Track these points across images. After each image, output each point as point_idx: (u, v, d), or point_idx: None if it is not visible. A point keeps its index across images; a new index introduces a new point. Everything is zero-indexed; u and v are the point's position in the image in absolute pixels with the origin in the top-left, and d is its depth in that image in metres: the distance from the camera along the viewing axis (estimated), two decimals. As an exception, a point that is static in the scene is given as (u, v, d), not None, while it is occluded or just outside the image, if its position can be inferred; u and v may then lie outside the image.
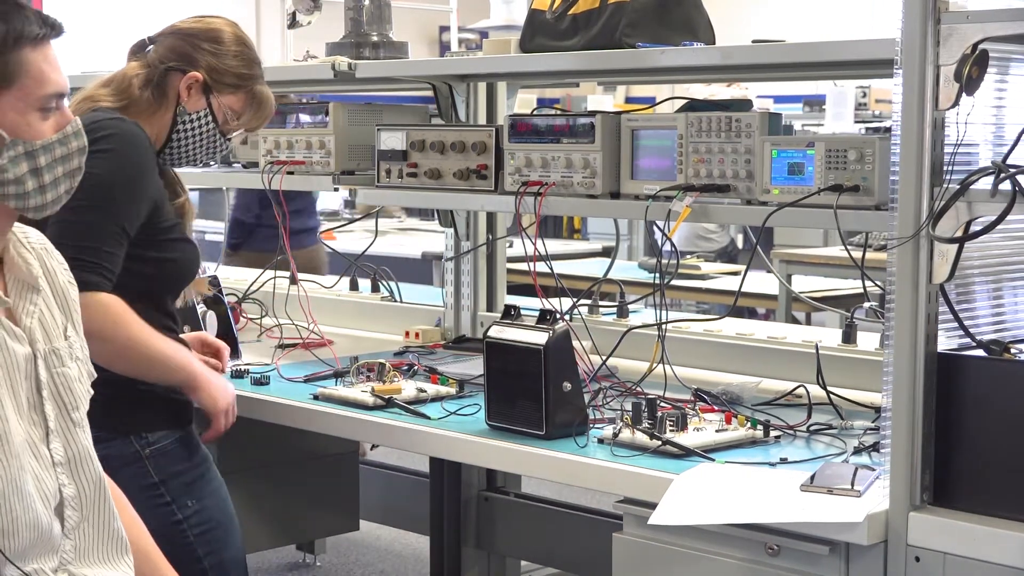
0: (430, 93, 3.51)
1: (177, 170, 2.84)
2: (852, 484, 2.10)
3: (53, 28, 1.94)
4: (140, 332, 2.54)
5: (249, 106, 2.84)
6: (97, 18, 13.41)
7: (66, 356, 2.07)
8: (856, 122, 8.41)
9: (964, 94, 1.99)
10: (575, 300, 3.30)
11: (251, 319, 3.84)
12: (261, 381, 3.04)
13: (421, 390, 2.86)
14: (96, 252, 2.51)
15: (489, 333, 2.61)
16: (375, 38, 3.58)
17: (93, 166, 2.58)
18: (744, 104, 2.77)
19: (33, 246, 2.09)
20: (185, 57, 2.77)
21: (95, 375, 2.16)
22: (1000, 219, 1.96)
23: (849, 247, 2.75)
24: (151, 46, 2.81)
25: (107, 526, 2.08)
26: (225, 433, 2.67)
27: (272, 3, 13.65)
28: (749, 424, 2.51)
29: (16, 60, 1.91)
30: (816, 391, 2.76)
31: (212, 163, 3.06)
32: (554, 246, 6.99)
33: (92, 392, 2.13)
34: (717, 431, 2.48)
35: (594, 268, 6.09)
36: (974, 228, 2.00)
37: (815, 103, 9.63)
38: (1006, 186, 1.95)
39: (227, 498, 2.71)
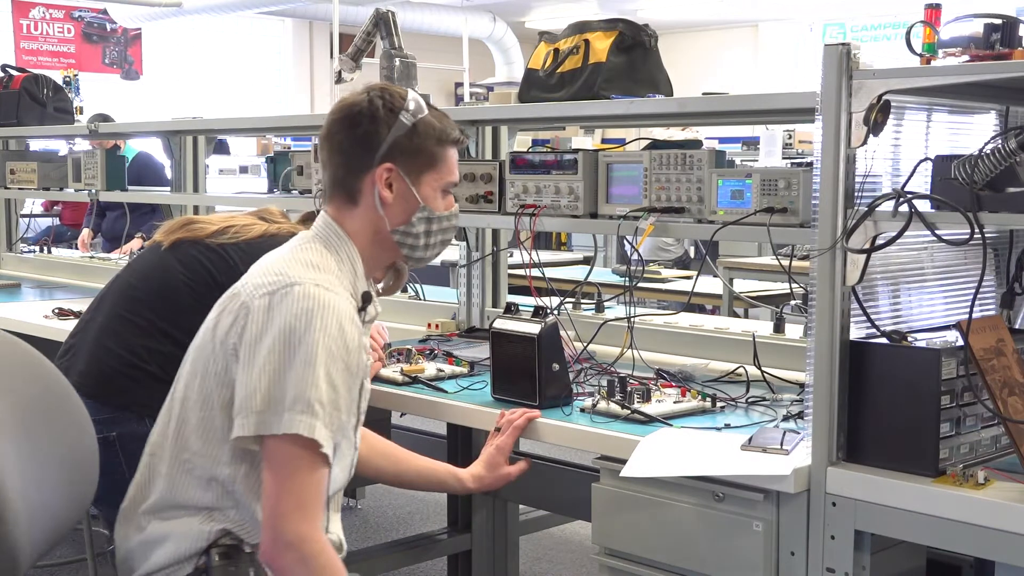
0: (448, 134, 3.50)
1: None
2: (781, 444, 2.09)
3: (465, 140, 2.14)
4: None
5: None
6: (187, 69, 13.43)
7: None
8: (783, 158, 8.40)
9: (871, 135, 1.98)
10: (562, 298, 3.29)
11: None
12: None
13: (440, 370, 2.85)
14: None
15: (494, 325, 2.60)
16: (404, 91, 3.57)
17: None
18: (695, 143, 2.77)
19: None
20: None
21: None
22: (899, 234, 1.95)
23: (779, 256, 2.74)
24: None
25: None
26: None
27: (323, 64, 13.68)
28: (700, 397, 2.50)
29: (442, 152, 2.06)
30: (753, 371, 2.74)
31: None
32: (545, 255, 6.99)
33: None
34: (675, 402, 2.47)
35: (577, 273, 6.07)
36: (879, 241, 1.99)
37: (751, 143, 9.63)
38: (904, 208, 1.94)
39: None
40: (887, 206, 1.97)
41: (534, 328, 2.49)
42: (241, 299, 1.95)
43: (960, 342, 1.98)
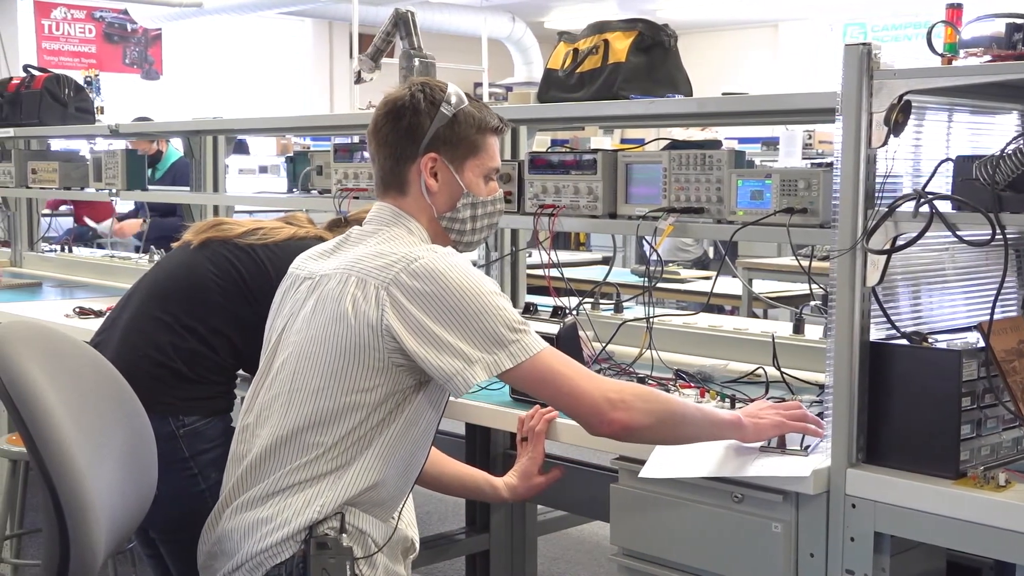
0: (467, 134, 3.50)
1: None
2: (801, 446, 2.09)
3: (504, 127, 2.22)
4: None
5: None
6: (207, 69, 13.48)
7: None
8: (803, 158, 8.37)
9: (891, 136, 1.98)
10: (581, 299, 3.29)
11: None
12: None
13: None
14: None
15: (513, 325, 2.60)
16: (423, 91, 3.57)
17: None
18: (715, 144, 2.76)
19: None
20: None
21: None
22: (920, 235, 1.95)
23: (799, 257, 2.73)
24: None
25: None
26: None
27: (343, 64, 13.72)
28: (719, 398, 2.50)
29: (483, 140, 2.16)
30: (772, 371, 2.74)
31: None
32: (564, 256, 6.96)
33: None
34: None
35: (596, 273, 6.07)
36: (899, 242, 1.99)
37: (771, 143, 9.59)
38: (924, 209, 1.94)
39: None
40: (908, 207, 1.97)
41: (553, 328, 2.49)
42: (373, 283, 1.99)
43: (981, 343, 1.97)
